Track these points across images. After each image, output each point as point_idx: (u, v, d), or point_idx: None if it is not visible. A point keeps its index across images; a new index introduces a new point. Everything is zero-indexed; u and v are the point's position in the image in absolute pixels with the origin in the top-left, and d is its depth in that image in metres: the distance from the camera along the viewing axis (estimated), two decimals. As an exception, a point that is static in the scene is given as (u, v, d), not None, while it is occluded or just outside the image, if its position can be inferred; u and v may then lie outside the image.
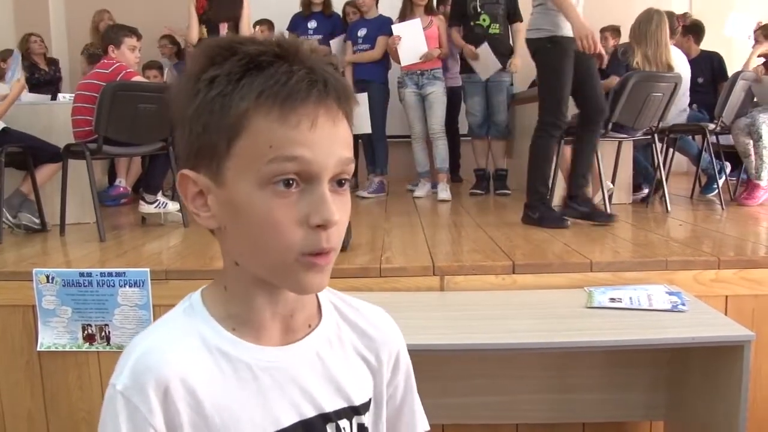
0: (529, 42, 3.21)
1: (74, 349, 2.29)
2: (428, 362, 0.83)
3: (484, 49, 4.59)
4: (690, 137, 4.74)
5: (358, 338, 0.75)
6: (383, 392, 0.77)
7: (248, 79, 0.59)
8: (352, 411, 0.72)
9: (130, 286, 2.26)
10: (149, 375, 0.62)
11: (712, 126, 4.19)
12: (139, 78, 3.64)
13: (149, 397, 0.62)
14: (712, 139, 4.30)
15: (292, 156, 0.59)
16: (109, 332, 2.28)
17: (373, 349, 0.76)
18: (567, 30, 3.02)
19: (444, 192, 4.49)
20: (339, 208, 0.62)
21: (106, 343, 2.29)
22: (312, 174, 0.60)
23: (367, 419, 0.74)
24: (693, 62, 4.75)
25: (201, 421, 0.64)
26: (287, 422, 0.67)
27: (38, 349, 2.29)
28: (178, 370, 0.63)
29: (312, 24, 5.09)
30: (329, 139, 0.60)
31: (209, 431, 0.64)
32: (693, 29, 5.15)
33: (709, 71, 5.07)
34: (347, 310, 0.76)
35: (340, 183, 0.63)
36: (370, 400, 0.75)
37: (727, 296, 2.23)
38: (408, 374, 0.81)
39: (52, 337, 2.29)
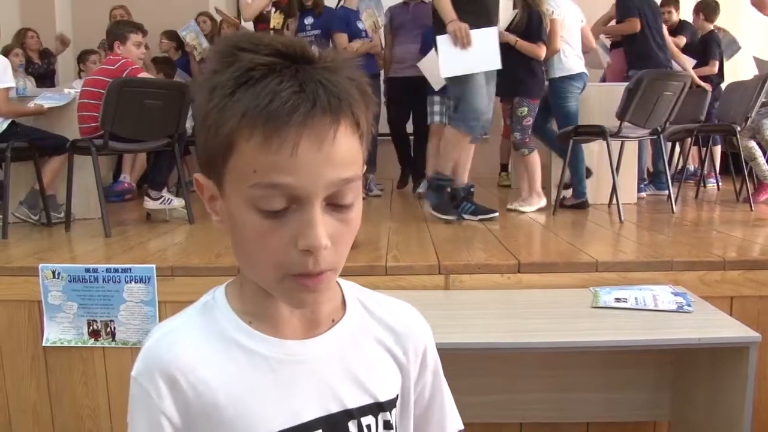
0: None
1: (79, 344, 2.30)
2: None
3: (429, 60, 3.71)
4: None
5: (385, 333, 0.74)
6: (411, 389, 0.76)
7: (239, 95, 0.57)
8: (378, 407, 0.71)
9: (135, 282, 2.26)
10: (157, 362, 0.64)
11: (739, 128, 4.13)
12: (145, 74, 3.64)
13: (158, 383, 0.63)
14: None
15: (273, 183, 0.57)
16: (114, 328, 2.28)
17: (400, 344, 0.74)
18: None
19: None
20: (336, 230, 0.60)
21: (111, 339, 2.29)
22: (299, 197, 0.58)
23: (393, 416, 0.72)
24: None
25: (214, 411, 0.64)
26: (308, 417, 0.67)
27: (44, 344, 2.30)
28: (187, 358, 0.64)
29: (308, 20, 4.93)
30: (314, 163, 0.57)
31: (222, 421, 0.64)
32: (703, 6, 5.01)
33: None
34: (372, 306, 0.75)
35: (338, 206, 0.60)
36: (397, 396, 0.73)
37: (732, 297, 2.23)
38: (436, 372, 0.79)
39: (57, 332, 2.30)
